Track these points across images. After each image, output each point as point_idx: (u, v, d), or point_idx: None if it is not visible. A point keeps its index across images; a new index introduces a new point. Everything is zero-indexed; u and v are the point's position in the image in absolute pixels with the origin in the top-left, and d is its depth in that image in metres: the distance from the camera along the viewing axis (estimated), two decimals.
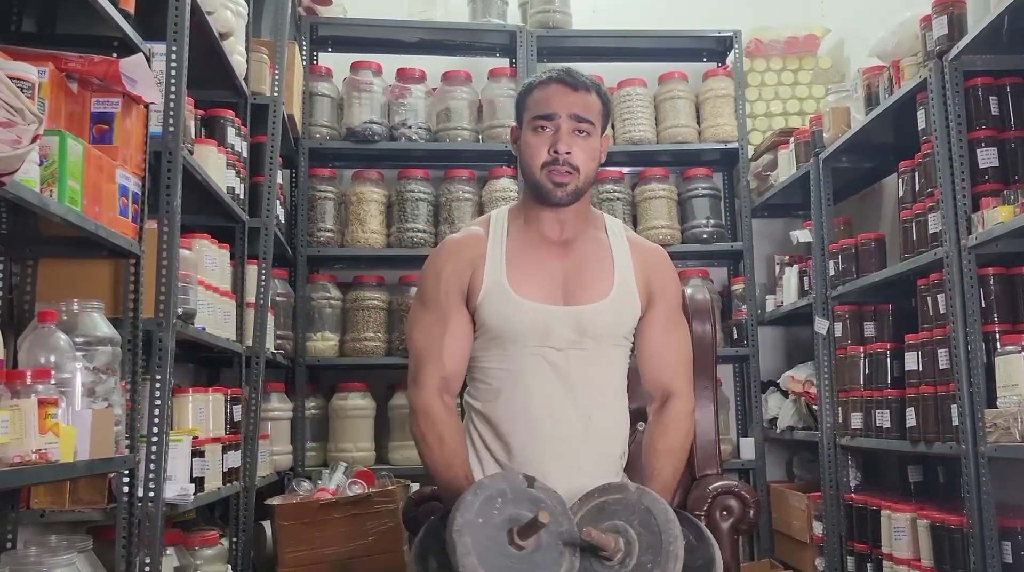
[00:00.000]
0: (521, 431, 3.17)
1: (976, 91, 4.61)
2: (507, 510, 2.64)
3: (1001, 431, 4.17)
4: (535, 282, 3.22)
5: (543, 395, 3.16)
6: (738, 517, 3.83)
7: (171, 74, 3.81)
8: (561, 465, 3.12)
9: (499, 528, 2.61)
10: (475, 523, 2.58)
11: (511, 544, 2.58)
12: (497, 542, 2.58)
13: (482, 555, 2.53)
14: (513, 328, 3.18)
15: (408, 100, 7.10)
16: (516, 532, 2.57)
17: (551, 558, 2.62)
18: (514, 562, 2.57)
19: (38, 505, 3.49)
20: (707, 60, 7.80)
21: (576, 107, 3.20)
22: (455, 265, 3.27)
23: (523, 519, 2.61)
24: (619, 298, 3.25)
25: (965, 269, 4.49)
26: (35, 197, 2.70)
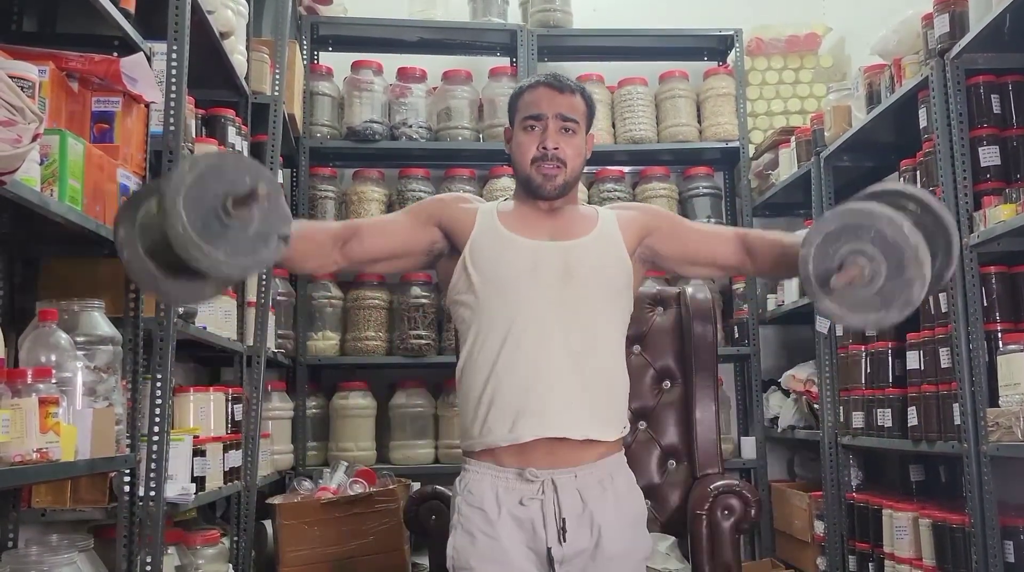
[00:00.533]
0: (516, 361, 3.17)
1: (978, 89, 4.60)
2: (226, 180, 2.51)
3: (1003, 430, 4.17)
4: (525, 227, 3.33)
5: (531, 330, 3.18)
6: (739, 516, 3.83)
7: (171, 73, 3.81)
8: (554, 397, 3.15)
9: (215, 196, 2.47)
10: (194, 184, 2.45)
11: (227, 216, 2.46)
12: (212, 206, 2.46)
13: (191, 210, 2.42)
14: (503, 265, 3.25)
15: (409, 99, 7.09)
16: (232, 200, 2.47)
17: (259, 239, 2.54)
18: (228, 232, 2.47)
19: (39, 504, 3.50)
20: (708, 59, 7.79)
21: (562, 108, 3.33)
22: (445, 204, 3.46)
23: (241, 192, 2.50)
24: (600, 237, 3.35)
25: (967, 268, 4.49)
26: (36, 196, 2.70)
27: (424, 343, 6.70)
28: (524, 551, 3.11)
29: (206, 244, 2.40)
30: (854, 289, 2.74)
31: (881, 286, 2.72)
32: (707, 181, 7.34)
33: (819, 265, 2.78)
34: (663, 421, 4.22)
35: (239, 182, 2.48)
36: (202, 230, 2.40)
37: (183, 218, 2.38)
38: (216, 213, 2.44)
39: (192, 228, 2.38)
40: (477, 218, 3.34)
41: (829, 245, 2.77)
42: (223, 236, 2.45)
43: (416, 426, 6.74)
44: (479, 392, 3.21)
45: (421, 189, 6.97)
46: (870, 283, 2.72)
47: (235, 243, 2.47)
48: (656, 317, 4.33)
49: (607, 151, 7.21)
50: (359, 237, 3.27)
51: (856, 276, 2.71)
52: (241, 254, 2.49)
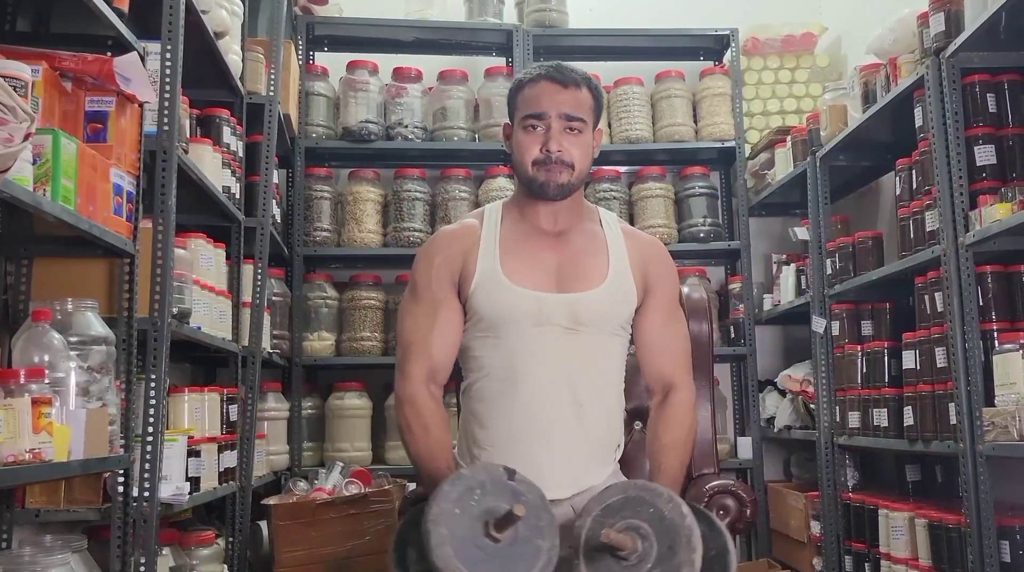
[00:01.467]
0: (513, 418, 3.14)
1: (973, 88, 4.60)
2: (486, 502, 2.61)
3: (999, 430, 4.17)
4: (529, 270, 3.21)
5: (535, 381, 3.14)
6: (735, 516, 3.82)
7: (166, 73, 3.80)
8: (552, 453, 3.12)
9: (476, 520, 2.57)
10: (451, 513, 2.55)
11: (487, 536, 2.55)
12: (473, 533, 2.55)
13: (457, 546, 2.50)
14: (506, 315, 3.17)
15: (404, 99, 7.09)
16: (493, 524, 2.54)
17: (528, 552, 2.59)
18: (490, 554, 2.54)
19: (33, 505, 3.48)
20: (704, 59, 7.80)
21: (566, 106, 3.19)
22: (447, 254, 3.27)
23: (502, 512, 2.57)
24: (614, 286, 3.25)
25: (963, 267, 4.48)
26: (28, 196, 2.69)
27: None
28: None
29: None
30: (620, 565, 2.67)
31: (648, 569, 2.66)
32: (703, 181, 7.33)
33: (592, 531, 2.71)
34: None
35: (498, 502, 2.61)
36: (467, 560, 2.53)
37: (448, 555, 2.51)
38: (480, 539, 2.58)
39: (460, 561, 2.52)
40: (478, 263, 3.23)
41: (607, 516, 2.71)
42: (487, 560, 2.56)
43: None
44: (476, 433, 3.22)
45: (417, 189, 6.97)
46: (638, 563, 2.66)
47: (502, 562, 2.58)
48: None
49: (603, 151, 7.03)
50: (438, 369, 3.20)
51: (628, 546, 2.64)
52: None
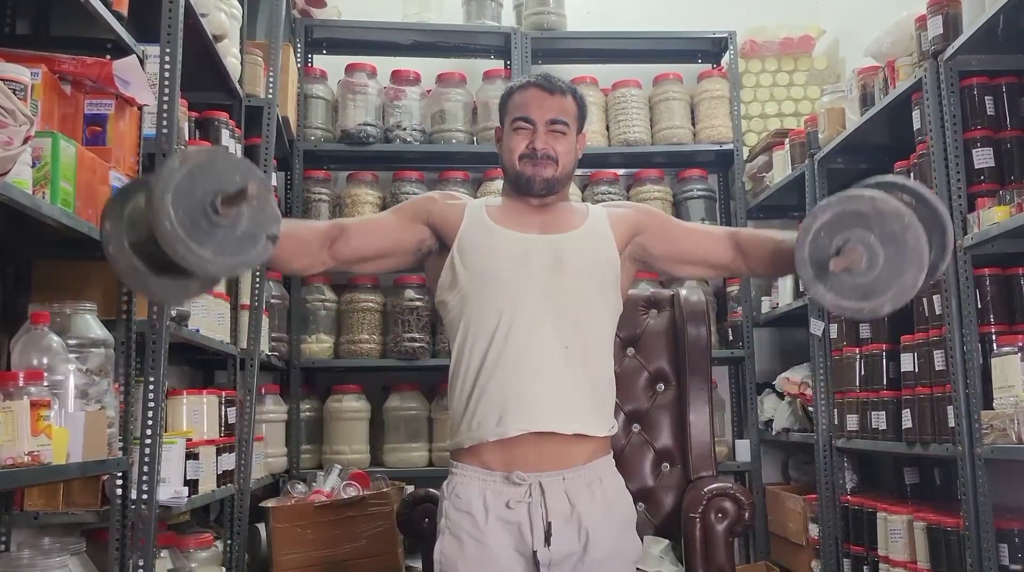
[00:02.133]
0: (504, 355, 3.15)
1: (972, 91, 4.61)
2: (213, 181, 2.47)
3: (998, 432, 4.17)
4: (514, 220, 3.32)
5: (524, 320, 3.16)
6: (733, 519, 3.83)
7: (165, 76, 3.80)
8: (544, 386, 3.13)
9: (204, 198, 2.43)
10: (180, 189, 2.40)
11: (215, 214, 2.42)
12: (200, 211, 2.41)
13: (181, 222, 2.37)
14: (494, 257, 3.23)
15: (403, 102, 7.09)
16: (221, 199, 2.42)
17: (247, 238, 2.50)
18: (216, 231, 2.43)
19: (31, 507, 3.48)
20: (702, 61, 7.80)
21: (552, 112, 3.31)
22: (432, 200, 3.42)
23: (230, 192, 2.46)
24: (591, 230, 3.34)
25: (961, 270, 4.49)
26: (27, 198, 2.69)
27: (418, 346, 6.70)
28: (512, 555, 3.08)
29: (193, 242, 2.37)
30: (850, 276, 2.71)
31: (878, 274, 2.70)
32: (701, 183, 7.33)
33: (815, 250, 2.75)
34: (657, 424, 4.22)
35: (229, 180, 2.45)
36: (190, 227, 2.37)
37: (171, 215, 2.34)
38: (205, 211, 2.40)
39: (179, 225, 2.35)
40: (465, 213, 3.32)
41: (826, 231, 2.75)
42: (211, 234, 2.41)
43: (410, 429, 6.74)
44: (468, 387, 3.19)
45: (415, 192, 6.94)
46: (867, 271, 2.70)
47: (223, 242, 2.44)
48: (650, 319, 4.33)
49: (601, 153, 7.22)
50: (346, 236, 3.24)
51: (854, 262, 2.68)
52: (228, 253, 2.45)
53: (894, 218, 2.69)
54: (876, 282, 2.71)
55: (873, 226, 2.71)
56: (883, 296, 2.72)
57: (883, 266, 2.70)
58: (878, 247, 2.70)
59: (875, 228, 2.70)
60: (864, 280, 2.72)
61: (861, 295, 2.74)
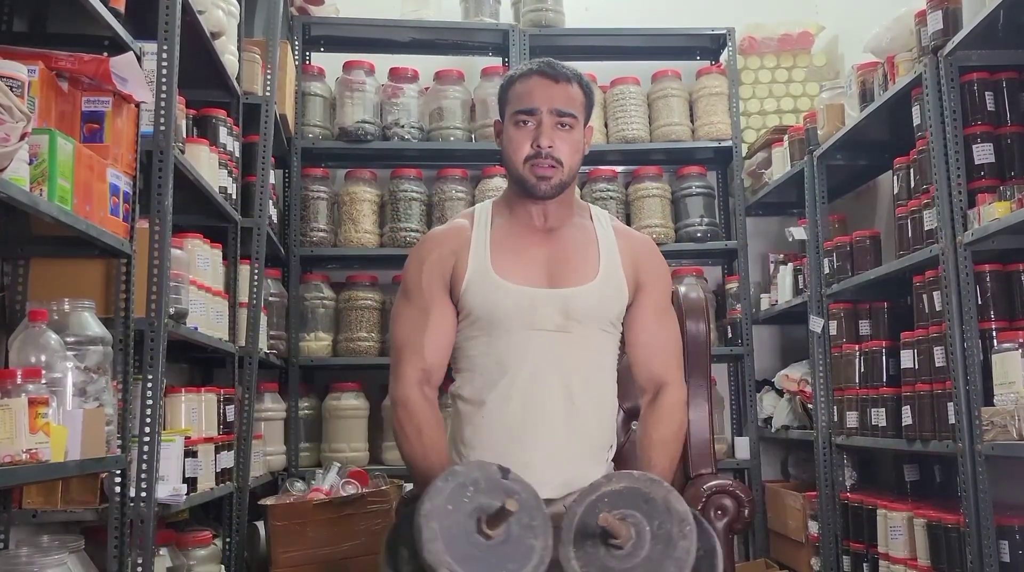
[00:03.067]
0: (504, 416, 3.14)
1: (972, 86, 4.59)
2: (478, 499, 2.58)
3: (998, 429, 4.16)
4: (520, 267, 3.22)
5: (527, 379, 3.14)
6: (733, 516, 3.81)
7: (162, 73, 3.79)
8: (544, 451, 3.11)
9: (468, 517, 2.55)
10: (443, 509, 2.53)
11: (479, 533, 2.52)
12: (465, 530, 2.52)
13: (449, 542, 2.48)
14: (498, 312, 3.17)
15: (401, 99, 7.08)
16: (485, 521, 2.51)
17: (521, 550, 2.56)
18: (482, 552, 2.51)
19: (30, 505, 3.48)
20: (700, 58, 7.79)
21: (558, 101, 3.20)
22: (438, 255, 3.27)
23: (494, 509, 2.54)
24: (605, 281, 3.25)
25: (961, 266, 4.47)
26: (25, 196, 2.68)
27: None
28: None
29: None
30: (604, 550, 2.63)
31: (636, 564, 2.61)
32: (700, 180, 7.32)
33: (586, 516, 2.66)
34: None
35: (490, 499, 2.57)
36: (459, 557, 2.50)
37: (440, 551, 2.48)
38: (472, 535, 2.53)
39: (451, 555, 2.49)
40: (469, 259, 3.24)
41: (602, 504, 2.67)
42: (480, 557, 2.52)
43: None
44: (465, 431, 3.21)
45: (413, 189, 6.97)
46: (629, 554, 2.62)
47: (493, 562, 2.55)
48: None
49: (600, 151, 7.20)
50: (432, 370, 3.21)
51: (622, 535, 2.59)
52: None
53: (679, 521, 2.64)
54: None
55: (651, 510, 2.65)
56: None
57: (643, 558, 2.61)
58: (647, 543, 2.62)
59: (656, 522, 2.64)
60: (614, 564, 2.62)
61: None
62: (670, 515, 2.65)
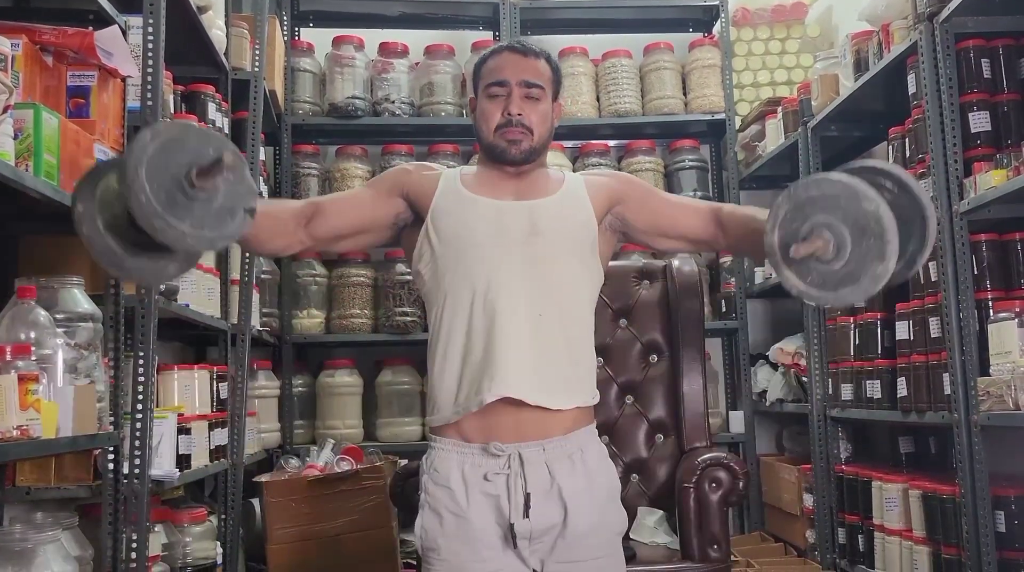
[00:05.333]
0: (476, 324, 3.09)
1: (968, 54, 4.56)
2: (189, 154, 2.43)
3: (994, 399, 4.15)
4: (487, 188, 3.25)
5: (496, 290, 3.10)
6: (727, 489, 3.81)
7: (148, 47, 3.76)
8: (517, 354, 3.05)
9: (179, 171, 2.39)
10: (153, 163, 2.36)
11: (191, 187, 2.38)
12: (175, 185, 2.37)
13: (157, 196, 2.33)
14: (468, 224, 3.16)
15: (391, 75, 7.06)
16: (196, 171, 2.38)
17: (225, 211, 2.46)
18: (193, 205, 2.39)
19: (23, 483, 3.46)
20: (693, 30, 7.75)
21: (526, 73, 3.24)
22: (406, 172, 3.34)
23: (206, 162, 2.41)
24: (567, 196, 3.27)
25: (957, 235, 4.46)
26: (10, 170, 2.67)
27: (410, 320, 6.68)
28: (494, 528, 3.02)
29: (170, 215, 2.33)
30: (818, 264, 2.64)
31: (845, 263, 2.62)
32: (693, 154, 7.30)
33: (784, 236, 2.68)
34: (650, 395, 4.21)
35: (203, 153, 2.40)
36: (166, 201, 2.32)
37: (146, 188, 2.30)
38: (180, 184, 2.36)
39: (155, 198, 2.30)
40: (440, 183, 3.26)
41: (797, 214, 2.67)
42: (188, 208, 2.36)
43: (403, 403, 6.74)
44: (452, 364, 3.13)
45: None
46: (834, 258, 2.62)
47: (200, 216, 2.39)
48: (642, 291, 4.31)
49: (592, 125, 7.20)
50: (322, 214, 3.18)
51: (819, 248, 2.60)
52: (206, 227, 2.40)
53: (866, 206, 2.61)
54: (845, 271, 2.63)
55: (844, 213, 2.62)
56: (850, 286, 2.64)
57: (852, 255, 2.61)
58: (847, 235, 2.61)
59: (846, 215, 2.62)
60: (832, 269, 2.63)
61: (829, 284, 2.65)
62: (857, 204, 2.62)
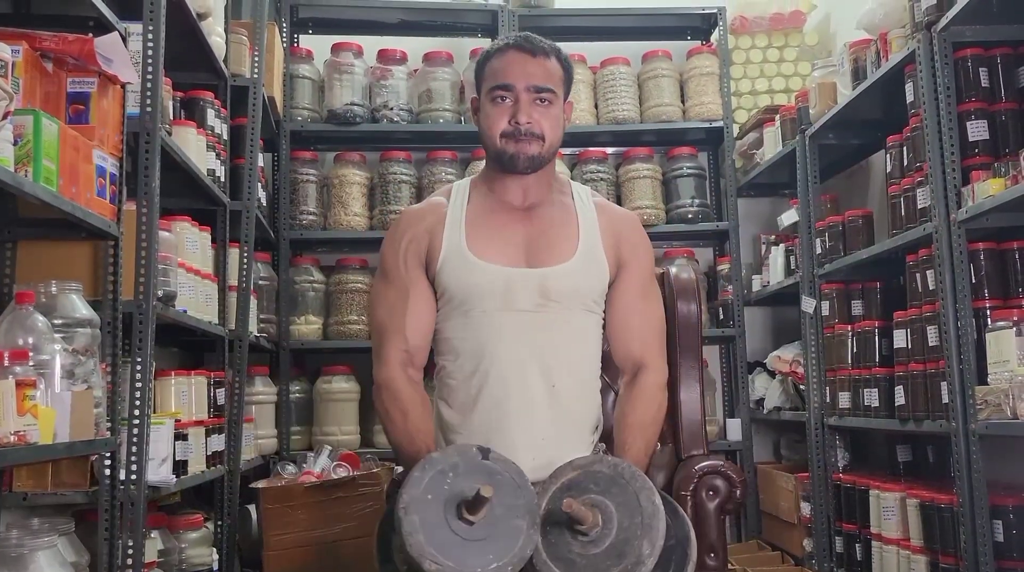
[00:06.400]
0: (484, 399, 3.10)
1: (966, 62, 4.55)
2: (459, 484, 2.54)
3: (992, 408, 4.14)
4: (496, 246, 3.18)
5: (505, 361, 3.10)
6: (724, 497, 3.80)
7: (148, 54, 3.77)
8: (526, 434, 3.07)
9: (449, 503, 2.51)
10: (422, 499, 2.50)
11: (460, 520, 2.48)
12: (446, 518, 2.49)
13: (429, 533, 2.44)
14: (473, 292, 3.13)
15: (390, 81, 7.06)
16: (464, 507, 2.47)
17: (506, 533, 2.52)
18: (465, 538, 2.48)
19: (20, 488, 3.46)
20: (691, 38, 7.75)
21: (535, 77, 3.16)
22: (413, 233, 3.24)
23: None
24: (584, 260, 3.20)
25: (955, 244, 4.45)
26: (9, 176, 2.67)
27: None
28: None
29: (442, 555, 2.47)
30: (577, 541, 2.62)
31: (599, 551, 2.60)
32: (691, 161, 7.29)
33: (552, 503, 2.67)
34: None
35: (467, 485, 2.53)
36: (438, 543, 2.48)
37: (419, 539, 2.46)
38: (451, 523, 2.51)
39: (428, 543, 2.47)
40: (444, 239, 3.20)
41: (571, 489, 2.67)
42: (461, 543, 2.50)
43: None
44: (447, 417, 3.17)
45: (403, 172, 6.96)
46: (595, 541, 2.61)
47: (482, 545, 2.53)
48: None
49: (590, 132, 7.20)
50: (415, 350, 3.19)
51: (587, 521, 2.58)
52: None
53: (647, 496, 2.64)
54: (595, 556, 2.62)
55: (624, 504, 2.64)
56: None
57: (609, 545, 2.61)
58: (615, 524, 2.62)
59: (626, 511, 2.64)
60: (584, 550, 2.62)
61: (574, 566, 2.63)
62: (638, 500, 2.62)
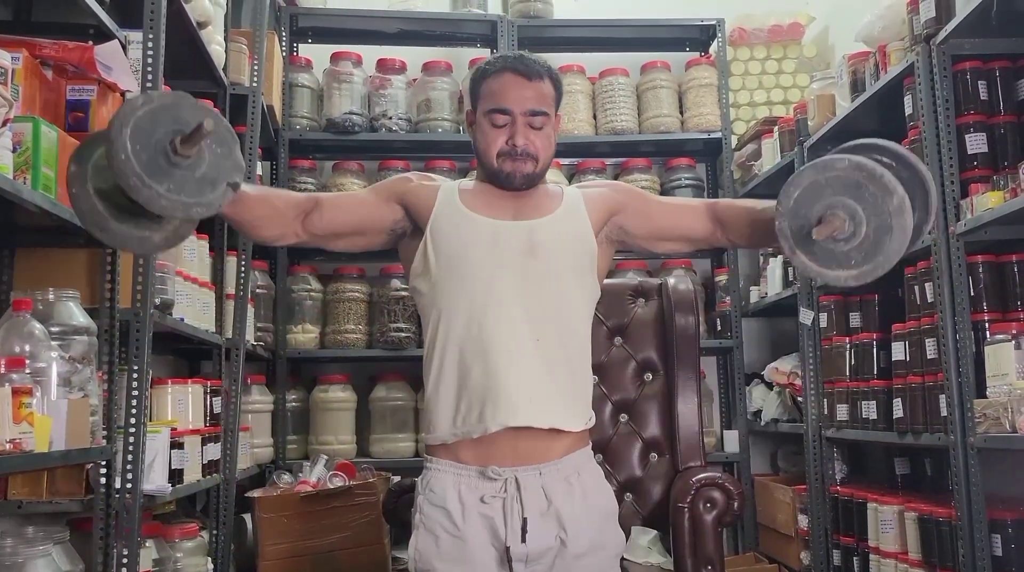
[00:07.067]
0: (474, 345, 3.09)
1: (964, 75, 4.56)
2: (181, 121, 2.48)
3: (991, 421, 4.14)
4: (486, 205, 3.23)
5: (493, 311, 3.10)
6: (722, 509, 3.79)
7: (148, 62, 3.76)
8: (516, 377, 3.05)
9: (164, 136, 2.45)
10: (140, 126, 2.42)
11: (174, 154, 2.43)
12: (163, 150, 2.43)
13: (139, 154, 2.39)
14: (465, 243, 3.16)
15: (388, 91, 7.06)
16: (179, 140, 2.42)
17: (210, 178, 2.52)
18: (174, 171, 2.45)
19: (15, 496, 3.44)
20: (690, 49, 7.77)
21: (531, 101, 3.20)
22: (412, 185, 3.31)
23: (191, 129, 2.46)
24: (566, 212, 3.27)
25: (954, 257, 4.46)
26: (8, 183, 2.67)
27: (404, 336, 6.67)
28: (489, 550, 3.01)
29: (148, 176, 2.38)
30: (834, 244, 2.67)
31: (861, 241, 2.66)
32: (689, 172, 7.31)
33: (795, 220, 2.71)
34: (645, 414, 4.18)
35: (191, 121, 2.45)
36: (147, 163, 2.38)
37: (127, 147, 2.35)
38: (164, 150, 2.42)
39: (135, 158, 2.36)
40: (438, 195, 3.25)
41: (805, 199, 2.70)
42: (167, 172, 2.42)
43: (396, 419, 6.72)
44: (448, 382, 3.13)
45: None
46: (850, 238, 2.66)
47: (180, 181, 2.44)
48: (638, 308, 4.30)
49: (588, 142, 7.21)
50: (321, 209, 3.17)
51: (836, 229, 2.64)
52: (185, 193, 2.45)
53: (874, 182, 2.65)
54: (860, 248, 2.67)
55: (853, 192, 2.66)
56: (868, 262, 2.68)
57: (867, 232, 2.66)
58: (860, 213, 2.65)
59: (855, 194, 2.66)
60: (848, 247, 2.68)
61: (843, 263, 2.70)
62: (864, 182, 2.67)
